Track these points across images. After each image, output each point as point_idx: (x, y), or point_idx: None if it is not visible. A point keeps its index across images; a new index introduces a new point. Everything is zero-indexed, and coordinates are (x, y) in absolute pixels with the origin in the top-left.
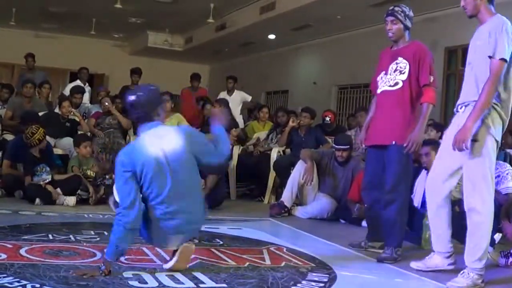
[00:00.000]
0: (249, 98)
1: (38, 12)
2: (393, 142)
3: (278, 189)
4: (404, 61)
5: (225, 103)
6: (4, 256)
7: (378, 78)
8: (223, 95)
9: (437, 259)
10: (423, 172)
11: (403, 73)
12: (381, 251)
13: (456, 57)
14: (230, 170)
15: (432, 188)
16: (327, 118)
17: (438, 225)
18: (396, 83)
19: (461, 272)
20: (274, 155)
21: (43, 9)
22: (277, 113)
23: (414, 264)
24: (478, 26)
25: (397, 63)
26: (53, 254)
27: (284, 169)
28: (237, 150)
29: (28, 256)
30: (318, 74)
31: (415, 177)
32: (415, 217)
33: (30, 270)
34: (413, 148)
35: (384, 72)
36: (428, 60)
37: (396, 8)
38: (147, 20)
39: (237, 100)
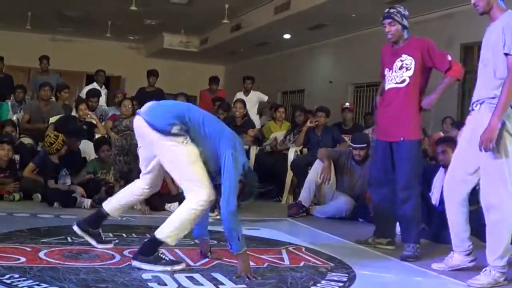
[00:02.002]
0: (265, 98)
1: (54, 16)
2: (402, 139)
3: (296, 189)
4: (409, 57)
5: (244, 103)
6: (23, 259)
7: (386, 74)
8: (239, 95)
9: (457, 258)
10: (441, 169)
11: (409, 69)
12: (389, 247)
13: (472, 54)
14: None
15: (450, 189)
16: (347, 104)
17: (456, 224)
18: (403, 80)
19: (483, 270)
20: (291, 155)
21: (59, 13)
22: (295, 112)
23: (436, 266)
24: (490, 23)
25: (401, 60)
26: (72, 257)
27: (301, 169)
28: (254, 151)
29: (47, 259)
30: (334, 73)
31: (433, 175)
32: (433, 215)
33: (50, 273)
34: (429, 107)
35: (388, 69)
36: (435, 47)
37: (392, 10)
38: (163, 21)
39: (253, 100)
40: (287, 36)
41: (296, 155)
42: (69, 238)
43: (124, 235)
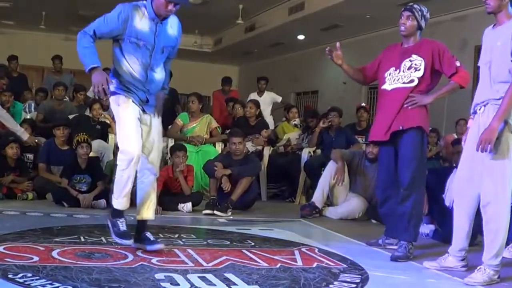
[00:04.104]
0: (279, 99)
1: (68, 16)
2: (400, 127)
3: (309, 189)
4: (419, 58)
5: (256, 104)
6: (36, 258)
7: (386, 74)
8: (253, 96)
9: (451, 261)
10: (455, 171)
11: (419, 70)
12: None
13: (479, 54)
14: (261, 171)
15: (459, 194)
16: (363, 103)
17: (460, 230)
18: (412, 80)
19: (478, 268)
20: (304, 156)
21: (73, 13)
22: (306, 118)
23: (428, 264)
24: (495, 26)
25: (411, 60)
26: (85, 256)
27: (314, 169)
28: (267, 151)
29: (60, 258)
30: None
31: (446, 177)
32: (446, 217)
33: (62, 272)
34: (411, 102)
35: (394, 68)
36: (447, 51)
37: (416, 6)
38: None
39: (267, 101)
40: (301, 36)
41: (310, 156)
42: (82, 238)
43: None
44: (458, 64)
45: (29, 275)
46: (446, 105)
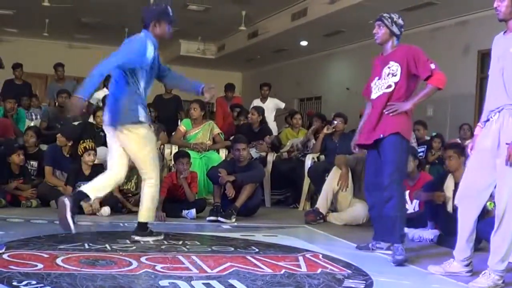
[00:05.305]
0: (282, 105)
1: (71, 23)
2: (381, 136)
3: (313, 195)
4: (396, 64)
5: (261, 111)
6: (40, 265)
7: (372, 84)
8: (256, 102)
9: (456, 266)
10: (450, 176)
11: (395, 75)
12: (389, 252)
13: (489, 61)
14: (264, 177)
15: (464, 200)
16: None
17: (464, 236)
18: (389, 86)
19: (483, 272)
20: (308, 162)
21: (76, 20)
22: (312, 118)
23: (432, 268)
24: (506, 33)
25: (389, 67)
26: (89, 263)
27: (318, 175)
28: (271, 157)
29: (64, 265)
30: (351, 79)
31: (443, 181)
32: (450, 222)
33: (67, 280)
34: (391, 109)
35: (378, 77)
36: (422, 55)
37: (385, 14)
38: (180, 28)
39: (270, 107)
40: (304, 42)
41: (313, 162)
42: (86, 245)
43: (141, 241)
44: (433, 66)
45: (34, 282)
46: (450, 111)
